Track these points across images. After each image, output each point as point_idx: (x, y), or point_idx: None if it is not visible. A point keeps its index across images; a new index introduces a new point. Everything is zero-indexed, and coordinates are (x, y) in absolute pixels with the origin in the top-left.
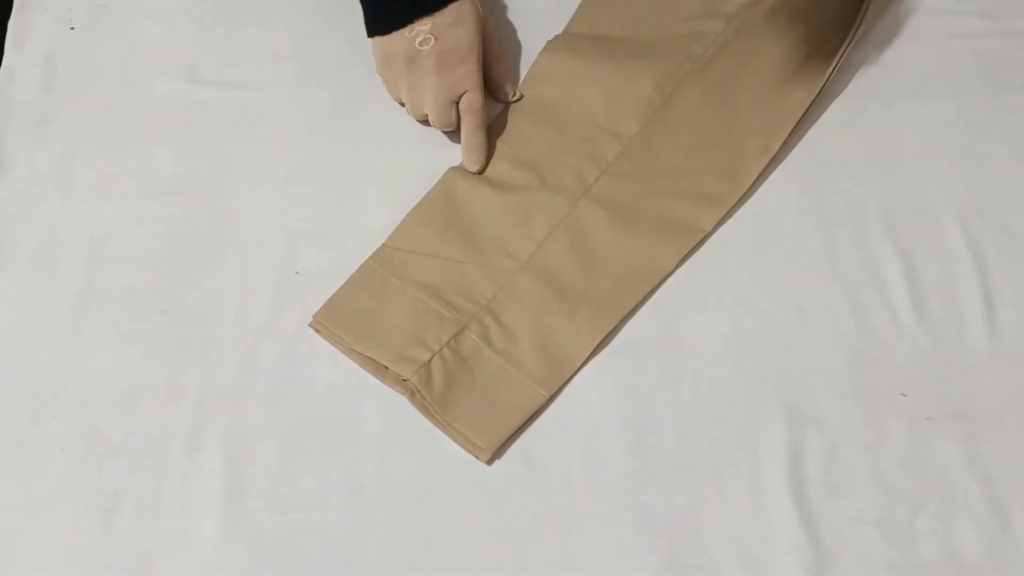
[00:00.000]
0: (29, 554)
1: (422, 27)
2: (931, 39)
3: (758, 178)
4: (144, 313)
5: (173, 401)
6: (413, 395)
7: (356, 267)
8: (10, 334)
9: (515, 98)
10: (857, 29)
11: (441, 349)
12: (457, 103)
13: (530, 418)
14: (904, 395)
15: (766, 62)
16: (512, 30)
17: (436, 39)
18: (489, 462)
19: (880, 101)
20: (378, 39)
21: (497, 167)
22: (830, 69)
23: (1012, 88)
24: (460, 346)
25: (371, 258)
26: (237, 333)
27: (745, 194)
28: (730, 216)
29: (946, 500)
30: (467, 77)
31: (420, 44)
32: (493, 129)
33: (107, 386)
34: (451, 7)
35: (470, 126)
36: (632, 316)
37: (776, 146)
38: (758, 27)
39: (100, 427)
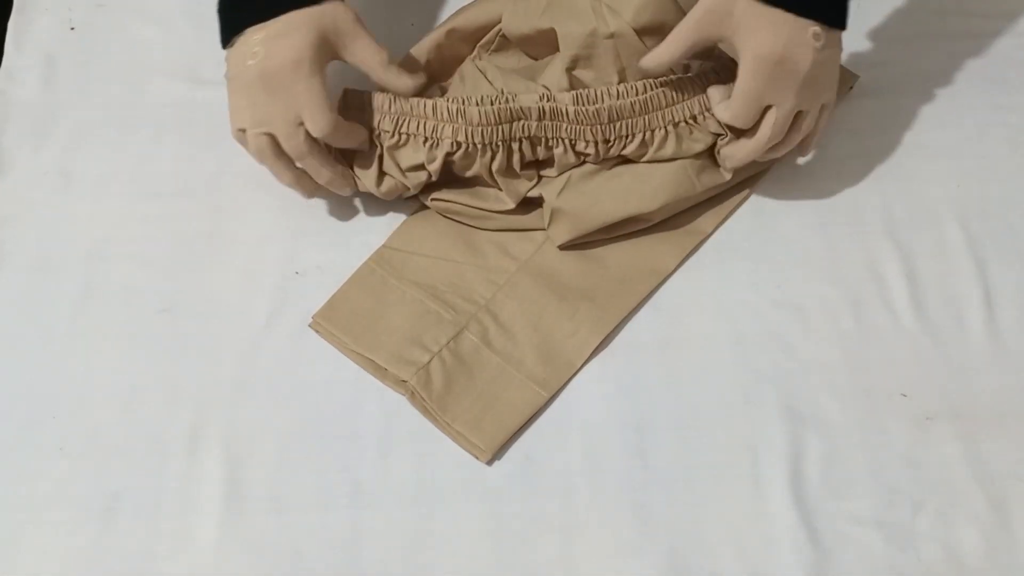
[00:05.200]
0: (29, 554)
1: (255, 36)
2: (931, 39)
3: (758, 179)
4: (144, 313)
5: (173, 401)
6: (413, 396)
7: (356, 267)
8: (10, 334)
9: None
10: None
11: (440, 351)
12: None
13: (530, 418)
14: (904, 395)
15: None
16: None
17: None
18: (489, 462)
19: (880, 100)
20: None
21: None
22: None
23: (1012, 88)
24: (459, 347)
25: (371, 258)
26: (237, 333)
27: (745, 194)
28: (730, 216)
29: (946, 500)
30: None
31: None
32: None
33: (107, 386)
34: (282, 18)
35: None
36: (632, 316)
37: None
38: None
39: (100, 427)
